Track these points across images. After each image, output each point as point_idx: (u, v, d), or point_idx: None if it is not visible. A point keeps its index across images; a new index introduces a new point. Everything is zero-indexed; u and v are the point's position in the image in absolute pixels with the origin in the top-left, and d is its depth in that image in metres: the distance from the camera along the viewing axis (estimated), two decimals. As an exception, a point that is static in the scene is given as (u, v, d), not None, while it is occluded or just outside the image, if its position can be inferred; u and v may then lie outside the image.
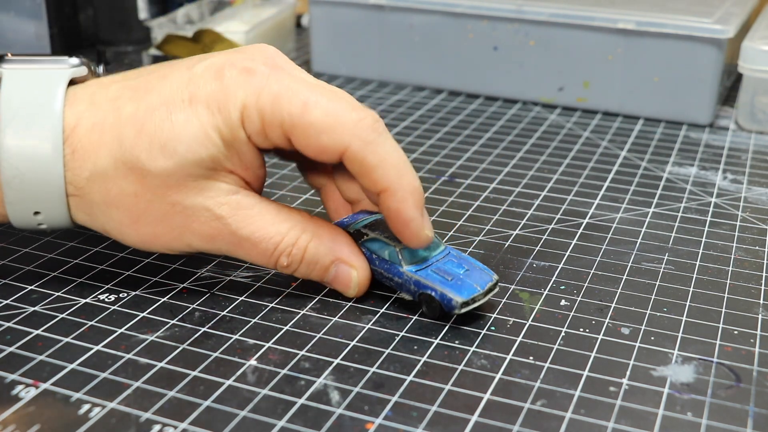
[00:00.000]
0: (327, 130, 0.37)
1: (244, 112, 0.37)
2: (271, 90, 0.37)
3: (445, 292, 0.38)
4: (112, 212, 0.38)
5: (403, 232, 0.38)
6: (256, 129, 0.37)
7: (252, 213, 0.38)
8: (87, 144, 0.38)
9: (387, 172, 0.37)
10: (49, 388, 0.34)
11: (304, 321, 0.39)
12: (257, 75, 0.37)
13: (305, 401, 0.34)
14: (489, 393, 0.34)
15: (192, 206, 0.38)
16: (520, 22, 0.69)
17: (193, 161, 0.37)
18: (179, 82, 0.38)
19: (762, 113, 0.65)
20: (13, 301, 0.40)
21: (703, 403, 0.34)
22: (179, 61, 0.40)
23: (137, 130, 0.37)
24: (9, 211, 0.39)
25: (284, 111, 0.37)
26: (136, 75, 0.40)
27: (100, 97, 0.38)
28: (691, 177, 0.57)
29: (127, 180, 0.37)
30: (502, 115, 0.68)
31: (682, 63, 0.65)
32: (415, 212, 0.38)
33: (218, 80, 0.37)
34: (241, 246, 0.39)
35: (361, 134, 0.37)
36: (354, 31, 0.75)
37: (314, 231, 0.40)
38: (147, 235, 0.39)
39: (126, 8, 0.67)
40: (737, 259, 0.45)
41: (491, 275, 0.40)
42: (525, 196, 0.53)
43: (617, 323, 0.39)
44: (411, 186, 0.38)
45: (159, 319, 0.39)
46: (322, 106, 0.37)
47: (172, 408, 0.33)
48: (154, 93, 0.38)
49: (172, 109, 0.37)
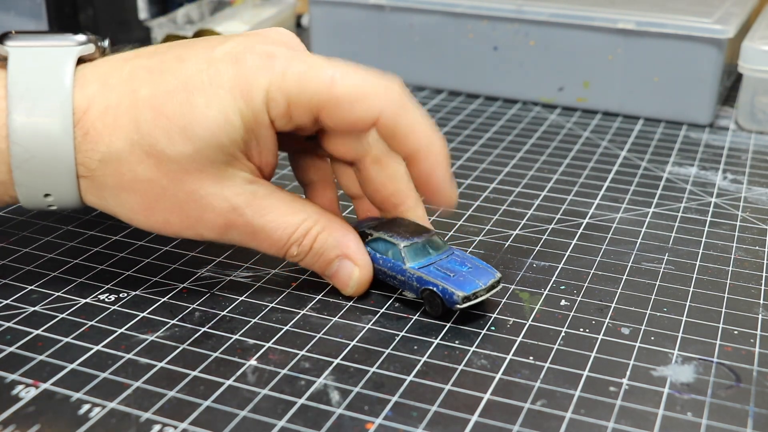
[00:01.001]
0: (360, 99, 0.37)
1: (269, 95, 0.37)
2: (295, 69, 0.37)
3: (447, 287, 0.38)
4: (124, 197, 0.38)
5: (435, 193, 0.39)
6: (281, 111, 0.37)
7: (268, 203, 0.39)
8: (101, 126, 0.37)
9: (419, 137, 0.38)
10: (49, 388, 0.34)
11: (304, 321, 0.39)
12: (278, 58, 0.37)
13: (305, 401, 0.34)
14: (489, 393, 0.34)
15: (208, 195, 0.38)
16: (520, 22, 0.69)
17: (214, 145, 0.37)
18: (198, 65, 0.37)
19: (762, 113, 0.65)
20: (13, 301, 0.40)
21: (703, 403, 0.34)
22: (194, 42, 0.39)
23: (155, 113, 0.37)
24: (19, 193, 0.38)
25: (312, 88, 0.37)
26: (150, 54, 0.39)
27: (113, 78, 0.38)
28: (691, 177, 0.57)
29: (143, 165, 0.37)
30: (502, 115, 0.68)
31: (682, 63, 0.65)
32: (447, 174, 0.39)
33: (240, 64, 0.37)
34: (255, 236, 0.39)
35: (392, 100, 0.38)
36: (354, 31, 0.75)
37: (326, 223, 0.40)
38: (158, 222, 0.38)
39: (126, 8, 0.67)
40: (737, 259, 0.45)
41: (494, 272, 0.40)
42: (525, 196, 0.53)
43: (617, 323, 0.39)
44: (440, 148, 0.39)
45: (159, 319, 0.39)
46: (350, 78, 0.37)
47: (172, 408, 0.33)
48: (171, 75, 0.37)
49: (192, 92, 0.37)
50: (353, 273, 0.40)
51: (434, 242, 0.41)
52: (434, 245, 0.41)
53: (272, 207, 0.39)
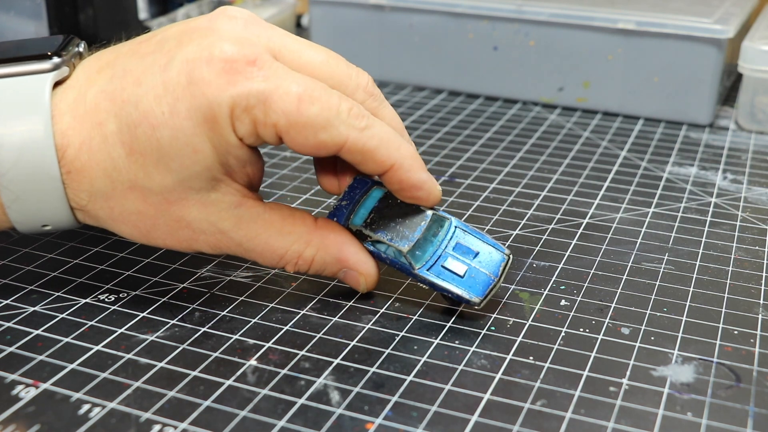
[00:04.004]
0: (325, 125, 0.36)
1: (234, 116, 0.35)
2: (259, 89, 0.35)
3: (461, 294, 0.38)
4: (120, 227, 0.38)
5: (418, 197, 0.39)
6: (247, 131, 0.36)
7: (255, 227, 0.38)
8: (79, 165, 0.37)
9: (388, 151, 0.37)
10: (49, 388, 0.34)
11: (304, 321, 0.39)
12: (239, 74, 0.35)
13: (305, 401, 0.34)
14: (489, 393, 0.34)
15: (196, 220, 0.38)
16: (520, 22, 0.69)
17: (189, 175, 0.36)
18: (155, 89, 0.36)
19: (762, 113, 0.65)
20: (13, 301, 0.40)
21: (703, 403, 0.34)
22: (147, 52, 0.37)
23: (127, 150, 0.36)
24: (16, 224, 0.38)
25: (278, 110, 0.35)
26: (110, 74, 0.37)
27: (80, 107, 0.37)
28: (691, 177, 0.57)
29: (129, 199, 0.37)
30: (502, 115, 0.68)
31: (682, 63, 0.65)
32: (423, 175, 0.38)
33: (198, 86, 0.35)
34: (248, 255, 0.39)
35: (355, 123, 0.36)
36: (354, 31, 0.75)
37: (319, 242, 0.39)
38: (158, 243, 0.39)
39: (126, 8, 0.67)
40: (737, 259, 0.45)
41: (502, 253, 0.39)
42: (525, 196, 0.53)
43: (617, 323, 0.39)
44: (410, 153, 0.38)
45: (159, 319, 0.39)
46: (316, 102, 0.36)
47: (172, 408, 0.33)
48: (131, 106, 0.36)
49: (154, 125, 0.36)
50: (360, 281, 0.40)
51: (435, 226, 0.39)
52: (435, 229, 0.39)
53: (259, 230, 0.38)
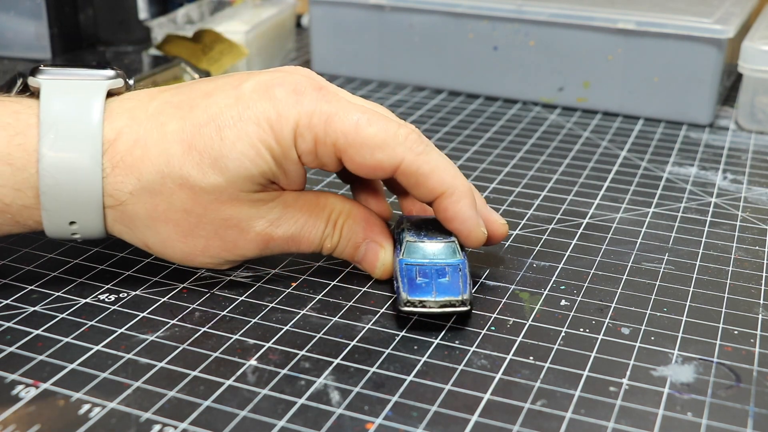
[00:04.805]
0: (382, 146, 0.38)
1: (298, 131, 0.38)
2: (323, 110, 0.38)
3: (400, 287, 0.39)
4: (160, 227, 0.39)
5: (460, 231, 0.40)
6: (308, 148, 0.38)
7: (297, 209, 0.40)
8: (130, 159, 0.38)
9: (441, 178, 0.39)
10: (49, 388, 0.34)
11: (304, 321, 0.39)
12: (307, 95, 0.38)
13: (305, 401, 0.34)
14: (489, 393, 0.34)
15: (247, 217, 0.39)
16: (520, 22, 0.69)
17: (244, 177, 0.38)
18: (227, 100, 0.38)
19: (762, 113, 0.65)
20: (13, 301, 0.40)
21: (703, 403, 0.34)
22: (220, 79, 0.40)
23: (186, 146, 0.38)
24: (44, 219, 0.38)
25: (338, 130, 0.38)
26: (175, 92, 0.40)
27: (140, 112, 0.39)
28: (691, 177, 0.57)
29: (177, 196, 0.38)
30: (502, 115, 0.68)
31: (682, 63, 0.65)
32: (471, 211, 0.40)
33: (269, 100, 0.38)
34: (293, 241, 0.41)
35: (412, 147, 0.39)
36: (354, 31, 0.75)
37: (349, 210, 0.41)
38: (197, 248, 0.39)
39: (126, 8, 0.67)
40: (737, 259, 0.45)
41: (461, 294, 0.38)
42: (525, 196, 0.53)
43: (617, 323, 0.39)
44: (465, 186, 0.40)
45: (159, 319, 0.39)
46: (374, 124, 0.38)
47: (172, 408, 0.33)
48: (200, 110, 0.38)
49: (221, 126, 0.38)
50: (379, 253, 0.41)
51: (446, 248, 0.41)
52: (444, 251, 0.41)
53: (302, 212, 0.40)
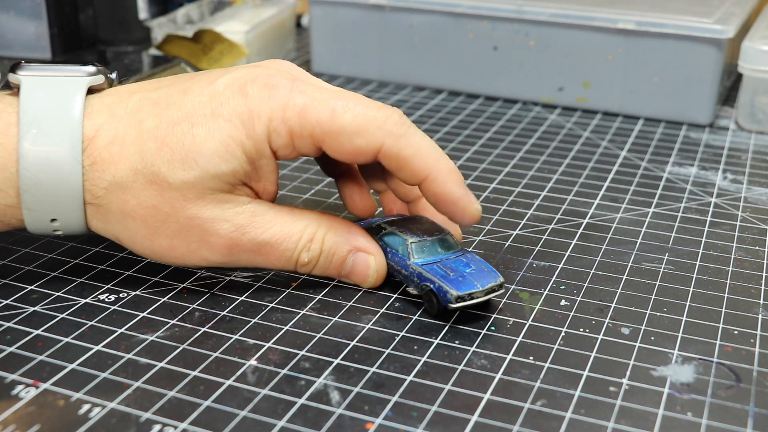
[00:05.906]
0: (360, 131, 0.38)
1: (271, 126, 0.38)
2: (296, 102, 0.38)
3: (443, 285, 0.38)
4: (129, 223, 0.39)
5: (454, 212, 0.39)
6: (284, 143, 0.38)
7: (268, 218, 0.39)
8: (107, 156, 0.38)
9: (424, 160, 0.38)
10: (49, 388, 0.34)
11: (304, 321, 0.39)
12: (280, 89, 0.38)
13: (305, 401, 0.34)
14: (489, 393, 0.34)
15: (210, 218, 0.38)
16: (520, 22, 0.69)
17: (213, 174, 0.38)
18: (200, 97, 0.38)
19: (762, 113, 0.65)
20: (13, 301, 0.40)
21: (703, 403, 0.34)
22: (198, 75, 0.40)
23: (159, 143, 0.38)
24: (26, 216, 0.39)
25: (313, 120, 0.38)
26: (154, 87, 0.40)
27: (120, 109, 0.39)
28: (691, 177, 0.57)
29: (146, 192, 0.38)
30: (502, 115, 0.68)
31: (682, 63, 0.65)
32: (460, 190, 0.39)
33: (241, 96, 0.38)
34: (261, 251, 0.39)
35: (392, 130, 0.38)
36: (354, 31, 0.75)
37: (329, 224, 0.41)
38: (162, 247, 0.39)
39: (126, 8, 0.67)
40: (737, 259, 0.45)
41: (496, 277, 0.40)
42: (525, 196, 0.53)
43: (617, 323, 0.39)
44: (449, 167, 0.39)
45: (159, 319, 0.39)
46: (350, 110, 0.38)
47: (172, 408, 0.33)
48: (175, 107, 0.38)
49: (193, 123, 0.38)
50: (370, 262, 0.41)
51: (446, 242, 0.41)
52: (445, 245, 0.41)
53: (273, 220, 0.39)
